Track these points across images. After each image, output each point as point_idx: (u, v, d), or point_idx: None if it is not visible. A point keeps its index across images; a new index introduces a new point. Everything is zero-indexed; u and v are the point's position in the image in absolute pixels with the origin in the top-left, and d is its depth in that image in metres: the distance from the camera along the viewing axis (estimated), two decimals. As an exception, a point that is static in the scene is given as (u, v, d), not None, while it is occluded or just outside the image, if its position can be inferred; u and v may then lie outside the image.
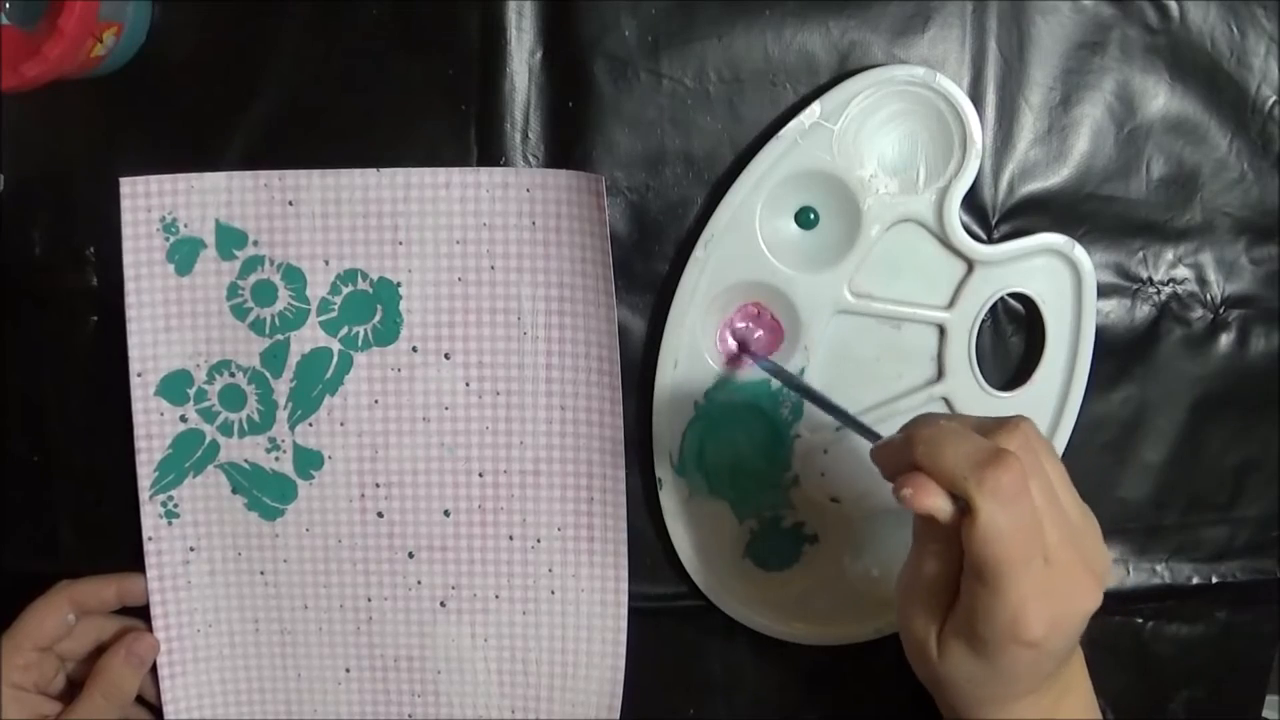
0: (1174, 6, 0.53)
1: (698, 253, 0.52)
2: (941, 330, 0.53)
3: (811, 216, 0.52)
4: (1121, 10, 0.53)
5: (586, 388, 0.54)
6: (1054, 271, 0.53)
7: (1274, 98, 0.54)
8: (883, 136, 0.51)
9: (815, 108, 0.51)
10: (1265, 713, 0.61)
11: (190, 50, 0.53)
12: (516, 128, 0.53)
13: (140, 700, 0.56)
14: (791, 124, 0.51)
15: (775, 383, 0.53)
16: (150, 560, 0.55)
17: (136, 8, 0.51)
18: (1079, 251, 0.53)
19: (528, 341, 0.54)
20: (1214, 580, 0.58)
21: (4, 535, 0.57)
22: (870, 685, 0.58)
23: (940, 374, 0.54)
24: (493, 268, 0.53)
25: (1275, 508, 0.58)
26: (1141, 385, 0.56)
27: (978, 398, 0.54)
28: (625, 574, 0.55)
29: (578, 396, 0.54)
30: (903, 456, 0.40)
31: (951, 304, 0.53)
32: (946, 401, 0.54)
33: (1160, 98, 0.54)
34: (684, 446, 0.54)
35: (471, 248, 0.53)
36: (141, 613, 0.56)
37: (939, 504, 0.39)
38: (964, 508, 0.39)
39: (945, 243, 0.52)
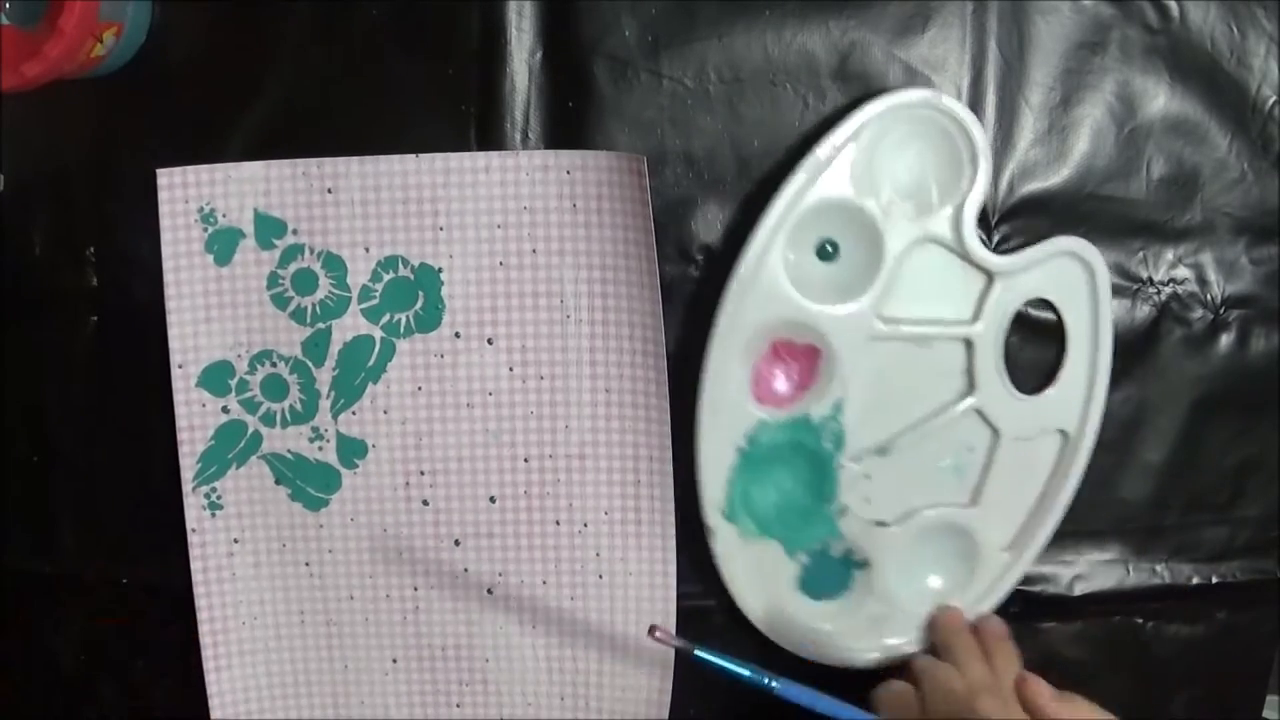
0: (1174, 6, 0.53)
1: (725, 301, 0.52)
2: (969, 344, 0.54)
3: (830, 249, 0.53)
4: (1121, 10, 0.53)
5: (631, 369, 0.53)
6: (1069, 272, 0.53)
7: (1274, 98, 0.54)
8: (894, 161, 0.52)
9: (826, 142, 0.51)
10: (1265, 713, 0.61)
11: (190, 50, 0.53)
12: (516, 128, 0.53)
13: None
14: (805, 161, 0.51)
15: (815, 415, 0.54)
16: (194, 553, 0.55)
17: (136, 8, 0.51)
18: (1091, 252, 0.53)
19: (571, 325, 0.53)
20: (1214, 580, 0.58)
21: (4, 535, 0.57)
22: (869, 686, 0.58)
23: (972, 387, 0.54)
24: (534, 251, 0.53)
25: (1275, 508, 0.58)
26: (1141, 385, 0.56)
27: (1009, 404, 0.54)
28: (674, 556, 0.55)
29: (622, 379, 0.53)
30: None
31: (976, 317, 0.53)
32: (980, 413, 0.54)
33: (1160, 98, 0.54)
34: (731, 492, 0.54)
35: (513, 231, 0.53)
36: (177, 606, 0.55)
37: None
38: None
39: (964, 257, 0.53)
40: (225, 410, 0.54)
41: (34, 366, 0.55)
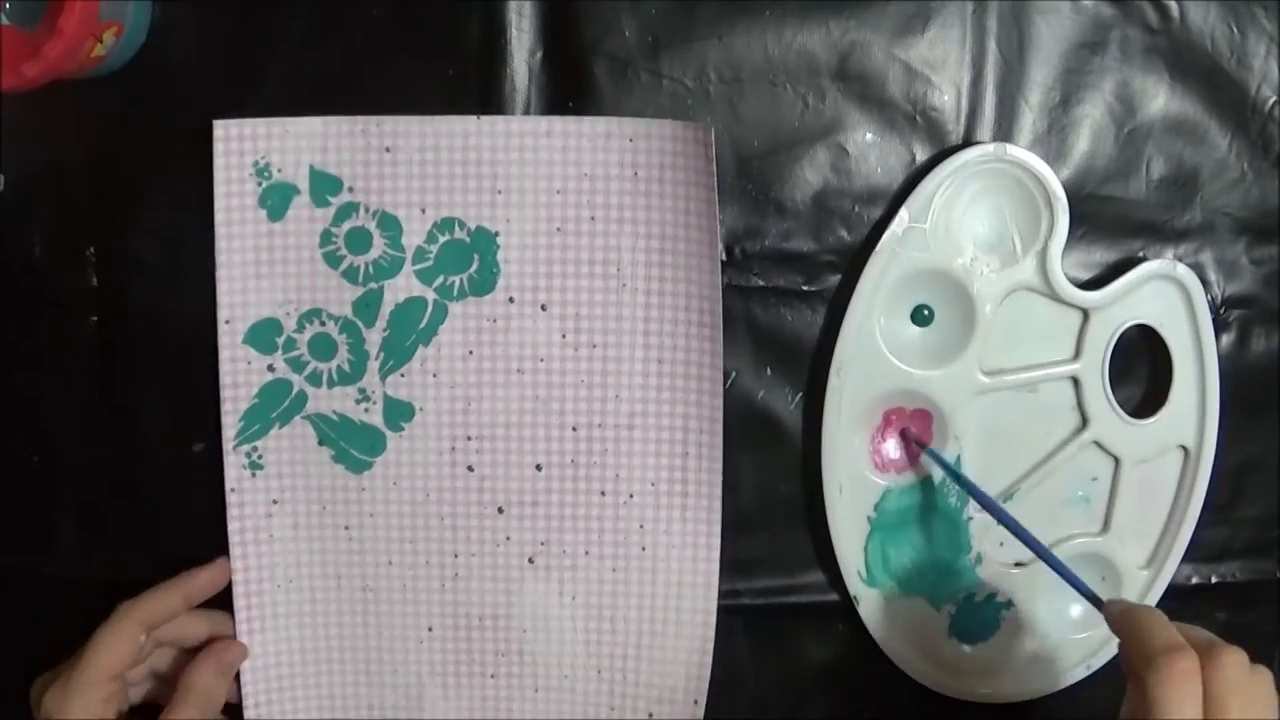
0: (1174, 6, 0.53)
1: (832, 381, 0.53)
2: (1075, 380, 0.54)
3: (926, 314, 0.53)
4: (1121, 10, 0.53)
5: (686, 340, 0.53)
6: (1163, 294, 0.54)
7: (1274, 98, 0.54)
8: (971, 219, 0.52)
9: (903, 214, 0.52)
10: (1265, 713, 0.61)
11: (190, 50, 0.53)
12: (516, 128, 0.53)
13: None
14: (886, 235, 0.52)
15: (937, 475, 0.55)
16: (232, 513, 0.54)
17: (136, 8, 0.51)
18: (1182, 270, 0.53)
19: (626, 293, 0.53)
20: (1214, 580, 0.58)
21: (4, 535, 0.57)
22: (868, 685, 0.58)
23: (1085, 422, 0.55)
24: (593, 218, 0.52)
25: (1275, 508, 0.58)
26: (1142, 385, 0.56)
27: (1125, 431, 0.55)
28: (718, 529, 0.54)
29: (675, 349, 0.53)
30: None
31: (1077, 354, 0.54)
32: (1098, 444, 0.55)
33: (1160, 98, 0.54)
34: (868, 560, 0.55)
35: (571, 198, 0.52)
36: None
37: None
38: None
39: (1057, 299, 0.53)
40: (271, 369, 0.54)
41: (34, 367, 0.55)
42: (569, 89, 0.52)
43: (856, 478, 0.55)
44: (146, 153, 0.53)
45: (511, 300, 0.53)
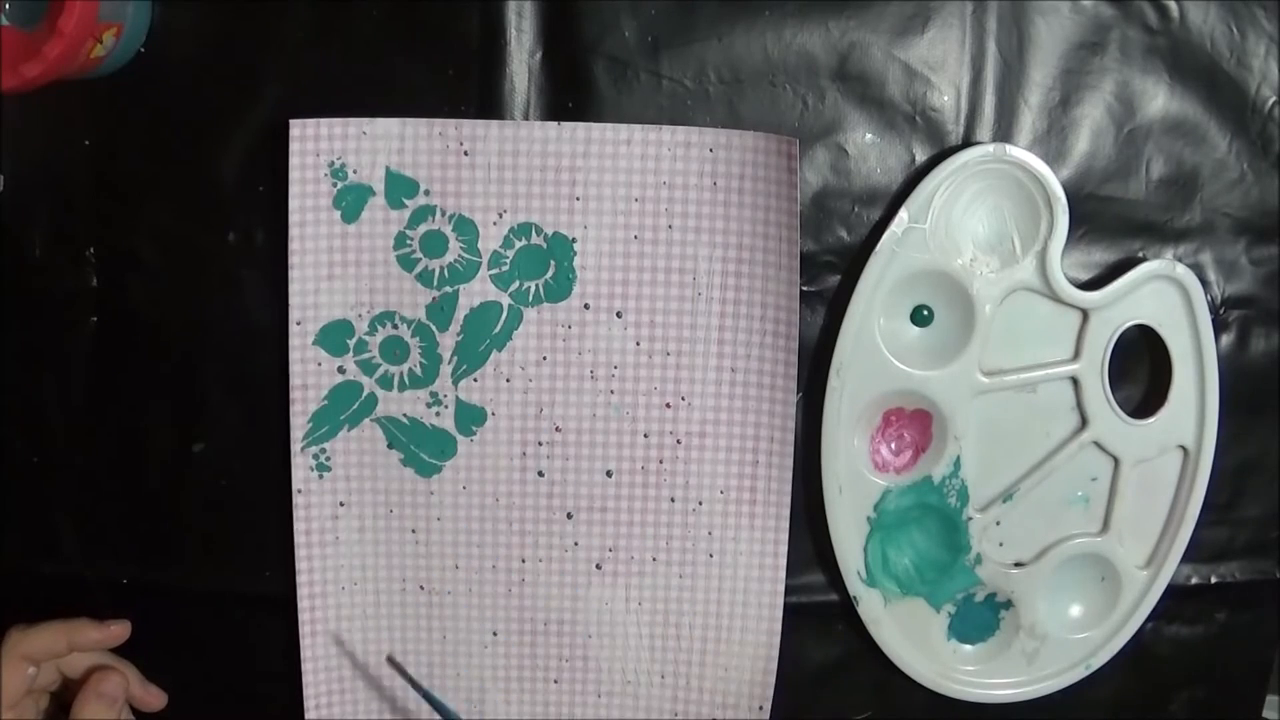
0: (1174, 7, 0.53)
1: (832, 382, 0.53)
2: (1075, 381, 0.54)
3: (925, 314, 0.53)
4: (1121, 10, 0.53)
5: (760, 350, 0.53)
6: (1163, 294, 0.54)
7: (1274, 98, 0.54)
8: (971, 219, 0.52)
9: (903, 214, 0.52)
10: (1265, 713, 0.61)
11: (190, 50, 0.53)
12: (516, 128, 0.53)
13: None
14: (885, 236, 0.52)
15: (937, 477, 0.55)
16: (298, 514, 0.54)
17: (136, 8, 0.51)
18: (1181, 270, 0.53)
19: (701, 302, 0.53)
20: (1213, 581, 0.58)
21: (4, 535, 0.57)
22: (868, 685, 0.58)
23: (1084, 422, 0.55)
24: (670, 227, 0.53)
25: (1275, 508, 0.58)
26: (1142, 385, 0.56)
27: (1125, 431, 0.55)
28: (785, 537, 0.55)
29: (749, 359, 0.53)
30: None
31: (1077, 354, 0.54)
32: (1097, 444, 0.55)
33: (1160, 98, 0.54)
34: (868, 560, 0.55)
35: (649, 206, 0.52)
36: (177, 606, 0.56)
37: None
38: None
39: (1056, 299, 0.53)
40: (341, 370, 0.54)
41: (34, 367, 0.55)
42: (569, 89, 0.52)
43: (856, 478, 0.55)
44: (146, 153, 0.53)
45: (587, 307, 0.53)
